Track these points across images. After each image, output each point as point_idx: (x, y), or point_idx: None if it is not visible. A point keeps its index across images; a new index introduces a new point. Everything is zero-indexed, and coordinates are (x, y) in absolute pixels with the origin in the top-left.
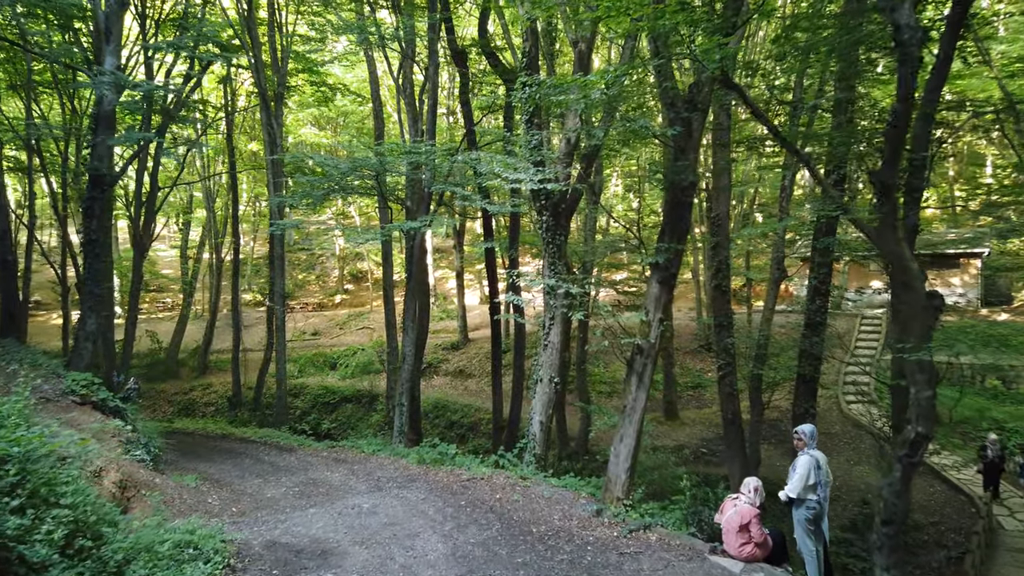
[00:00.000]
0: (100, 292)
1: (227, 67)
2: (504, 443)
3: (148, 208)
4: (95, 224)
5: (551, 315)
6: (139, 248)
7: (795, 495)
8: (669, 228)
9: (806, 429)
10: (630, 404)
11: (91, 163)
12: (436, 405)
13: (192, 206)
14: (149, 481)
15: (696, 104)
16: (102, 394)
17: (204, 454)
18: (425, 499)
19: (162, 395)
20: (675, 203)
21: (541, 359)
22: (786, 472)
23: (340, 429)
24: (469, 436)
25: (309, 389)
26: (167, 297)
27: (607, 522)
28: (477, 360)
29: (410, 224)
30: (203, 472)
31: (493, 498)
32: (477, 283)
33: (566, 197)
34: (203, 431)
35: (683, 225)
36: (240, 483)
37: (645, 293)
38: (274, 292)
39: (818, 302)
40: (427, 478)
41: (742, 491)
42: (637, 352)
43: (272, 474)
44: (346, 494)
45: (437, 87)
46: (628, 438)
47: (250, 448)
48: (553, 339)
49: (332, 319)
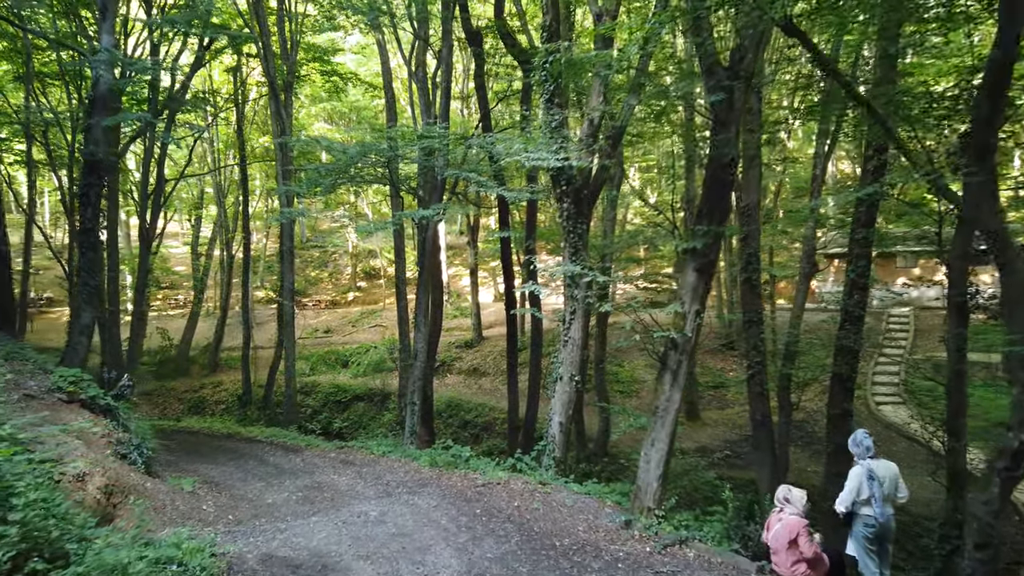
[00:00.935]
0: (96, 284)
1: (236, 55)
2: (521, 445)
3: (155, 201)
4: (91, 213)
5: (572, 309)
6: (145, 242)
7: (843, 508)
8: (708, 209)
9: (857, 436)
10: (663, 405)
11: (87, 147)
12: (449, 404)
13: (203, 202)
14: (139, 486)
15: (738, 71)
16: (91, 391)
17: (207, 454)
18: (437, 506)
19: (172, 393)
20: (715, 181)
21: (561, 356)
22: (817, 478)
23: (351, 428)
24: (483, 436)
25: (320, 387)
26: (179, 294)
27: (638, 535)
28: (491, 358)
29: (422, 212)
30: (203, 474)
31: (511, 506)
32: (491, 281)
33: (589, 182)
34: (208, 430)
35: (723, 206)
36: (241, 487)
37: (680, 283)
38: (283, 287)
39: (856, 296)
40: (439, 483)
41: (785, 501)
42: (671, 347)
43: (275, 477)
44: (352, 500)
45: (451, 70)
46: (660, 442)
47: (255, 448)
48: (574, 335)
49: (344, 316)
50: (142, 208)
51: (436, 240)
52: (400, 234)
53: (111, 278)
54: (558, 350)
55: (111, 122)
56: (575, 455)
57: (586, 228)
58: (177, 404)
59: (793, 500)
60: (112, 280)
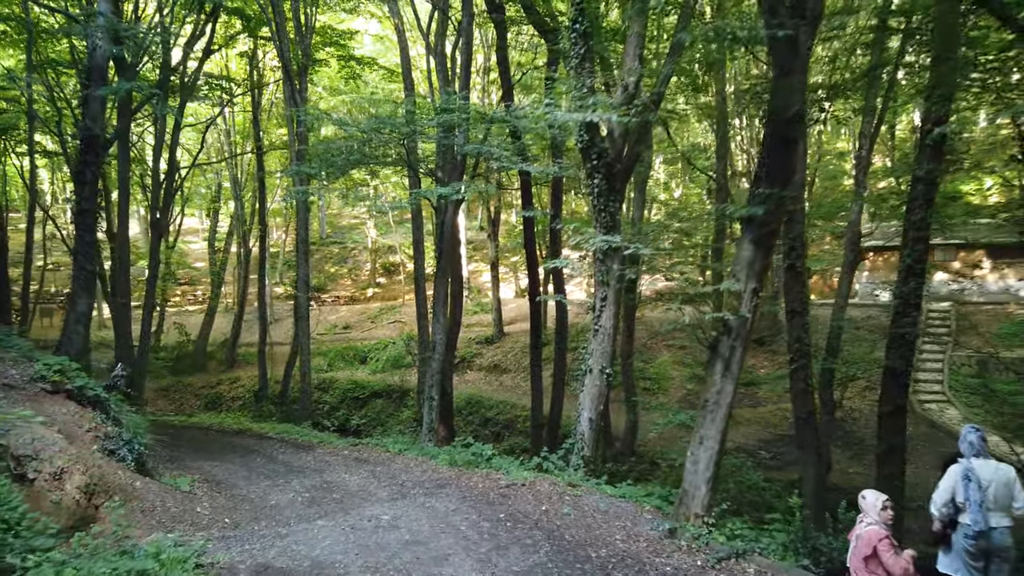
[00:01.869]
0: (93, 269)
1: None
2: (545, 443)
3: (167, 190)
4: (87, 192)
5: (603, 295)
6: (157, 231)
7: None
8: (769, 171)
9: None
10: (713, 398)
11: (83, 122)
12: (469, 401)
13: (221, 196)
14: (127, 485)
15: (804, 10)
16: (79, 381)
17: (214, 451)
18: (456, 510)
19: (188, 389)
20: (777, 138)
21: (591, 347)
22: (860, 479)
23: (369, 425)
24: (505, 434)
25: (339, 383)
26: (198, 290)
27: (685, 546)
28: (513, 354)
29: (440, 190)
30: (206, 472)
31: (538, 510)
32: (512, 276)
33: (622, 156)
34: (219, 426)
35: (787, 167)
36: (244, 486)
37: (734, 258)
38: (298, 279)
39: (912, 283)
40: (459, 483)
41: (864, 508)
42: (724, 332)
43: (283, 476)
44: (363, 502)
45: (471, 42)
46: (710, 440)
47: (265, 445)
48: (605, 324)
49: (364, 312)
50: (153, 197)
51: (455, 226)
52: (419, 227)
53: (122, 270)
54: (587, 341)
55: (107, 92)
56: (601, 454)
57: (619, 207)
58: (193, 400)
59: (866, 507)
60: (123, 272)
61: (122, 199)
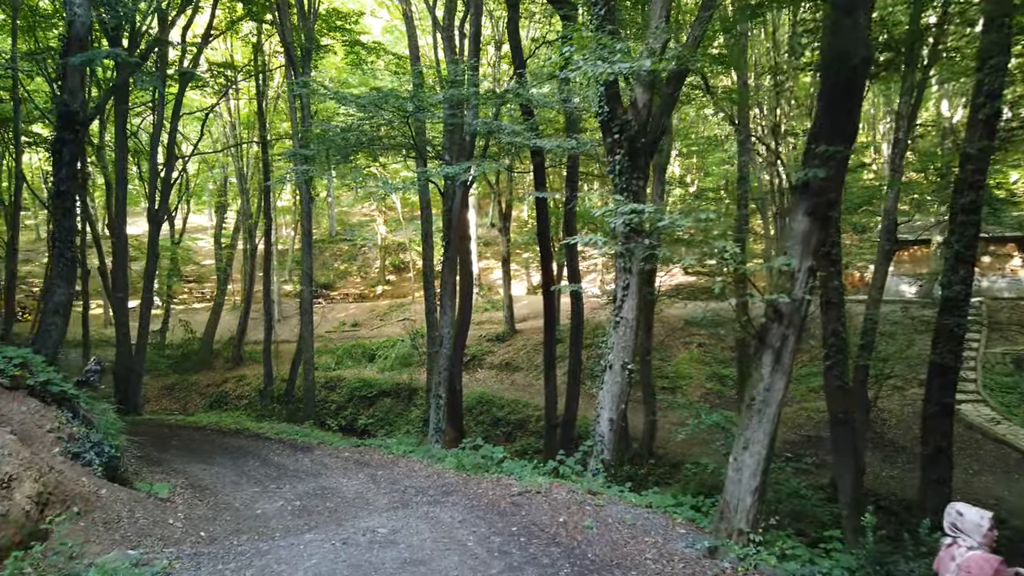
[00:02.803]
0: (72, 256)
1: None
2: (560, 444)
3: (165, 180)
4: (65, 173)
5: (624, 284)
6: (154, 222)
7: None
8: (828, 127)
9: None
10: (760, 395)
11: (60, 96)
12: (480, 400)
13: (227, 190)
14: (90, 494)
15: None
16: (43, 376)
17: (206, 453)
18: (463, 522)
19: (194, 387)
20: (837, 90)
21: (611, 340)
22: (895, 484)
23: (377, 425)
24: (516, 435)
25: (346, 382)
26: (206, 287)
27: (729, 568)
28: (525, 352)
29: (447, 169)
30: (191, 477)
31: (555, 522)
32: (523, 273)
33: (646, 129)
34: (216, 425)
35: (852, 120)
36: (231, 492)
37: (787, 230)
38: (303, 272)
39: (962, 272)
40: (467, 490)
41: (956, 529)
42: (774, 318)
43: (275, 480)
44: (360, 511)
45: (481, 14)
46: (757, 445)
47: (261, 446)
48: (627, 315)
49: (372, 310)
50: (151, 187)
51: (464, 213)
52: (428, 219)
53: (120, 263)
54: (607, 335)
55: (82, 60)
56: (618, 456)
57: (643, 185)
58: (198, 398)
59: (967, 527)
60: (122, 265)
61: (119, 189)
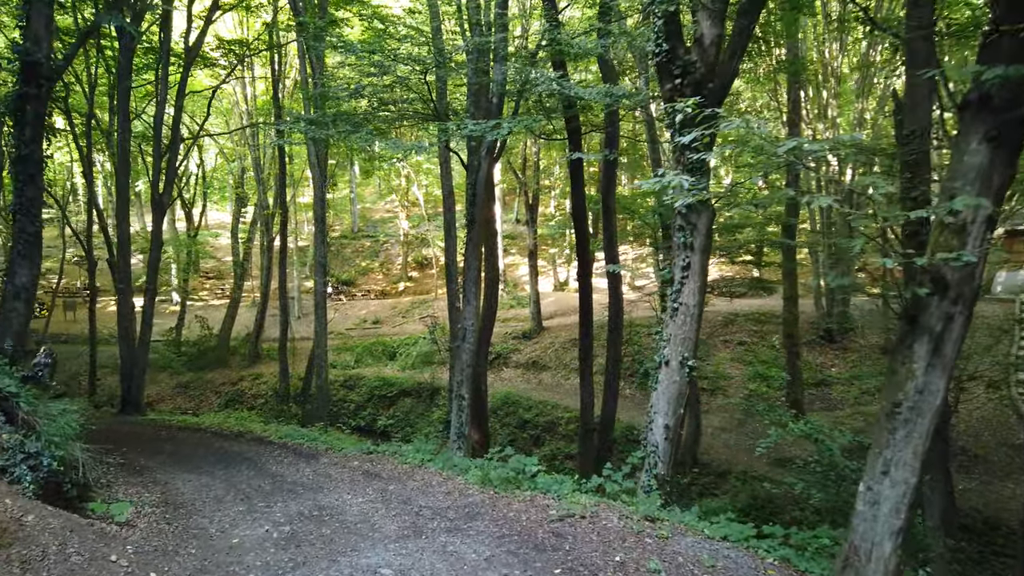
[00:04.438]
0: (36, 231)
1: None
2: (597, 451)
3: (170, 163)
4: (29, 134)
5: (684, 262)
6: (158, 208)
7: None
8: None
9: None
10: (909, 400)
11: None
12: (506, 400)
13: (244, 182)
14: (9, 521)
15: None
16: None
17: (198, 460)
18: (491, 560)
19: (209, 385)
20: None
21: (668, 330)
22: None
23: (398, 426)
24: (545, 438)
25: (365, 381)
26: (226, 284)
27: None
28: (553, 350)
29: (471, 127)
30: (171, 491)
31: (610, 563)
32: (550, 269)
33: (714, 69)
34: (219, 428)
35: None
36: (210, 512)
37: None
38: (316, 261)
39: None
40: (494, 513)
41: None
42: (934, 288)
43: (266, 496)
44: (362, 541)
45: None
46: (903, 469)
47: (261, 453)
48: (687, 300)
49: (395, 307)
50: (154, 171)
51: (491, 185)
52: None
53: (122, 251)
54: (663, 325)
55: None
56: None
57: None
58: (213, 397)
59: None
60: (124, 253)
61: (121, 174)
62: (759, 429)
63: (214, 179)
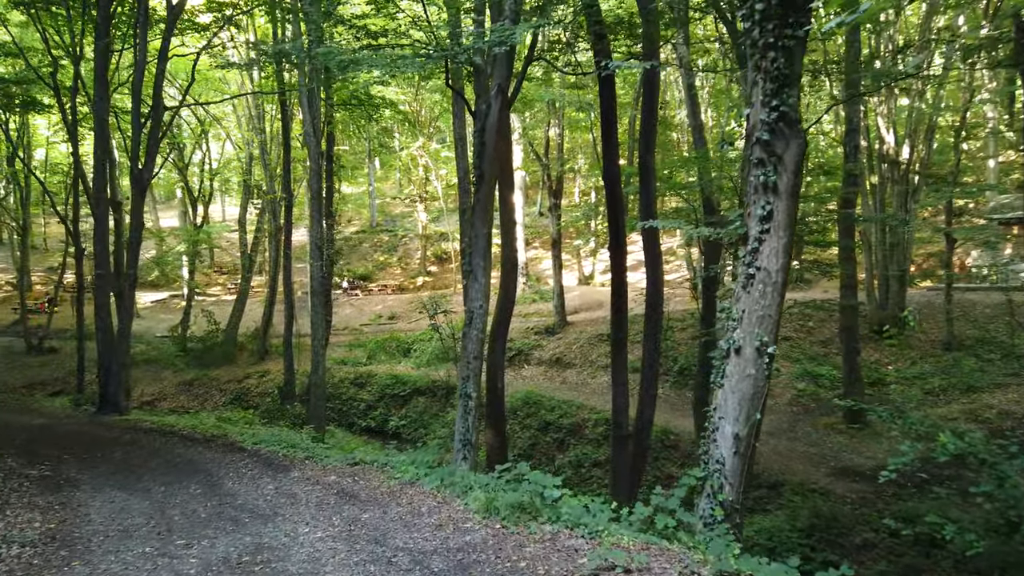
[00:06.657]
0: None
1: None
2: (632, 461)
3: (151, 135)
4: None
5: (763, 210)
6: (138, 184)
7: None
8: None
9: None
10: None
11: None
12: (526, 400)
13: (251, 169)
14: None
15: None
16: None
17: (142, 471)
18: None
19: (214, 383)
20: None
21: (738, 305)
22: None
23: (410, 427)
24: (570, 442)
25: (377, 378)
26: (239, 279)
27: None
28: (578, 346)
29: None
30: (74, 518)
31: None
32: (574, 262)
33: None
34: (190, 430)
35: None
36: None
37: None
38: (310, 243)
39: None
40: (498, 562)
41: None
42: None
43: (194, 529)
44: None
45: None
46: None
47: (222, 463)
48: (767, 264)
49: (412, 302)
50: (134, 144)
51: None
52: (466, 190)
53: (99, 234)
54: (734, 299)
55: None
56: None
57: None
58: (218, 395)
59: None
60: (100, 236)
61: (98, 143)
62: (812, 434)
63: (224, 171)
